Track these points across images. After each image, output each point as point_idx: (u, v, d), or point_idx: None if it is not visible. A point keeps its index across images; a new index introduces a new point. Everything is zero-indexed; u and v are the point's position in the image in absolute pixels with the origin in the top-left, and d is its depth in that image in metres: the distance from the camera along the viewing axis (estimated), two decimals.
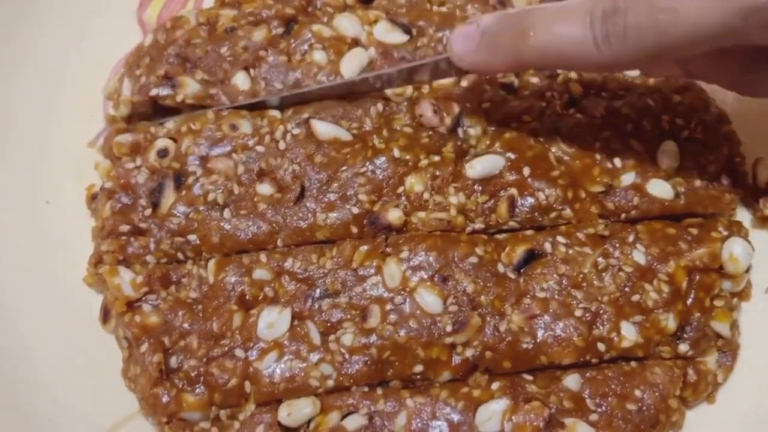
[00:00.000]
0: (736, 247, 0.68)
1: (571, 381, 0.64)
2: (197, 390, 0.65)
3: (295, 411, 0.63)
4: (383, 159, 0.70)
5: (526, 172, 0.69)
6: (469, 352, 0.64)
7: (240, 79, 0.74)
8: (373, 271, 0.66)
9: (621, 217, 0.70)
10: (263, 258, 0.68)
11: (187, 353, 0.66)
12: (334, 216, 0.68)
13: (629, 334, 0.65)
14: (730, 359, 0.69)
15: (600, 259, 0.67)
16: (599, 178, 0.70)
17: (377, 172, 0.70)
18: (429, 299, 0.65)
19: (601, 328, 0.65)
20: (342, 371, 0.64)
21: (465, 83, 0.74)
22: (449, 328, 0.64)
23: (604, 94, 0.75)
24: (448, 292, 0.65)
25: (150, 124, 0.75)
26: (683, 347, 0.66)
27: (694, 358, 0.67)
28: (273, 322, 0.65)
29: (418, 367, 0.64)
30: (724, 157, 0.73)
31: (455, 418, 0.63)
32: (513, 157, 0.70)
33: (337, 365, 0.64)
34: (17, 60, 0.81)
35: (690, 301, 0.67)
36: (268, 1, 0.78)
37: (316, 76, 0.74)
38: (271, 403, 0.64)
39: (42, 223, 0.76)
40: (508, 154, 0.70)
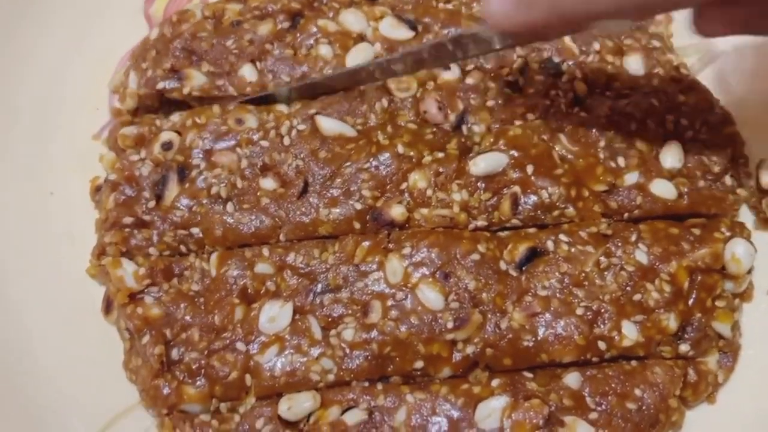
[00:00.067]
0: (738, 248, 0.68)
1: (571, 379, 0.64)
2: (198, 382, 0.65)
3: (296, 405, 0.63)
4: (387, 155, 0.70)
5: (530, 170, 0.69)
6: (469, 349, 0.65)
7: (247, 71, 0.75)
8: (375, 267, 0.66)
9: (624, 216, 0.70)
10: (265, 252, 0.68)
11: (189, 346, 0.66)
12: (336, 211, 0.69)
13: (630, 333, 0.65)
14: (731, 360, 0.69)
15: (602, 258, 0.67)
16: (602, 177, 0.70)
17: (381, 168, 0.70)
18: (430, 295, 0.65)
19: (602, 326, 0.65)
20: (342, 366, 0.64)
21: (470, 80, 0.74)
22: (450, 325, 0.64)
23: (608, 93, 0.74)
24: (450, 288, 0.65)
25: (155, 117, 0.75)
26: (684, 347, 0.66)
27: (694, 358, 0.67)
28: (274, 316, 0.65)
29: (419, 363, 0.64)
30: (728, 158, 0.73)
31: (455, 415, 0.63)
32: (517, 154, 0.70)
33: (337, 360, 0.64)
34: (23, 53, 0.82)
35: (691, 301, 0.67)
36: None
37: (322, 70, 0.74)
38: (272, 396, 0.64)
39: (46, 214, 0.76)
40: (512, 152, 0.70)
